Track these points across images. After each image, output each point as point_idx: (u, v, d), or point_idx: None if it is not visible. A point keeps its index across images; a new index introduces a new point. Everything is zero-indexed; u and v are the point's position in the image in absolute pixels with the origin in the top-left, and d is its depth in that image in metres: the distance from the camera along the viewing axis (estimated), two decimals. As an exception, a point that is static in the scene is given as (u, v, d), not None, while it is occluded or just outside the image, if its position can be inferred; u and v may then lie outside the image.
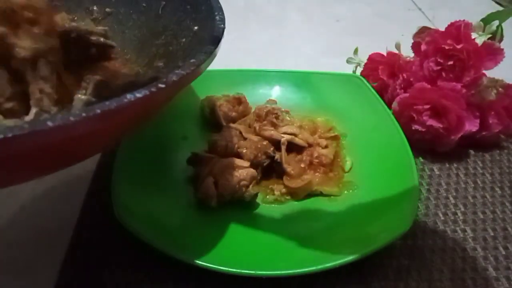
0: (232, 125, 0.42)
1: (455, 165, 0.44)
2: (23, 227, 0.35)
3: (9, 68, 0.26)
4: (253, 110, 0.45)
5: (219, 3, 0.32)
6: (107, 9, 0.40)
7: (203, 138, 0.42)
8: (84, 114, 0.19)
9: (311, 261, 0.31)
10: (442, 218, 0.38)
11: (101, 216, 0.35)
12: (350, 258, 0.31)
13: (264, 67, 0.50)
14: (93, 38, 0.35)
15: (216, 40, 0.28)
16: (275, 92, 0.48)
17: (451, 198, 0.40)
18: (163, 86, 0.22)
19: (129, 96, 0.20)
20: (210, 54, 0.26)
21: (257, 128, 0.41)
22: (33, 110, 0.25)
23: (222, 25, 0.29)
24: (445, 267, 0.34)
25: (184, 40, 0.33)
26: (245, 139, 0.40)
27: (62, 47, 0.32)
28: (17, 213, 0.36)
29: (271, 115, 0.42)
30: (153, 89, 0.21)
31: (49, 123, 0.18)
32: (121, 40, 0.38)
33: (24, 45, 0.26)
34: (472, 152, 0.45)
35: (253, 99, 0.46)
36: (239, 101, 0.45)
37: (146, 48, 0.36)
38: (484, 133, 0.44)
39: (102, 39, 0.36)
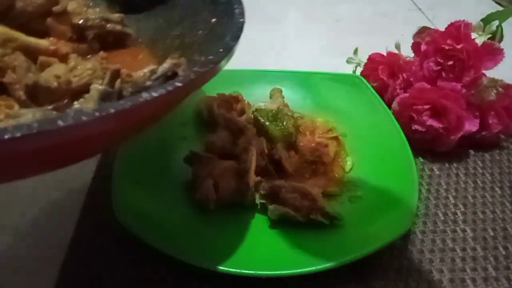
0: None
1: (455, 165, 0.44)
2: (23, 227, 0.35)
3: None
4: (252, 109, 0.45)
5: None
6: None
7: (202, 139, 0.42)
8: (97, 114, 0.18)
9: (311, 261, 0.31)
10: (442, 218, 0.38)
11: (101, 216, 0.35)
12: (350, 258, 0.31)
13: (264, 67, 0.50)
14: (109, 26, 0.34)
15: (235, 35, 0.26)
16: (275, 92, 0.48)
17: (451, 198, 0.40)
18: (180, 85, 0.20)
19: (144, 95, 0.19)
20: (229, 51, 0.24)
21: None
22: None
23: (242, 19, 0.27)
24: (445, 267, 0.34)
25: (200, 32, 0.31)
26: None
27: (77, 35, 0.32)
28: (18, 213, 0.36)
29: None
30: (170, 88, 0.20)
31: (60, 123, 0.17)
32: (135, 29, 0.36)
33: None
34: (472, 152, 0.45)
35: (253, 99, 0.46)
36: (236, 99, 0.45)
37: (161, 38, 0.34)
38: (484, 133, 0.44)
39: (119, 27, 0.34)
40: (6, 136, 0.16)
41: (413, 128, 0.43)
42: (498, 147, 0.46)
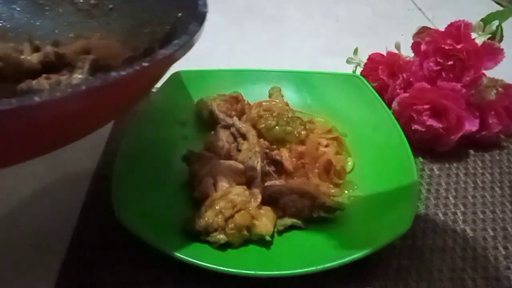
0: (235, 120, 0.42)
1: (455, 165, 0.44)
2: (23, 227, 0.35)
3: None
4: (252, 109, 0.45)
5: None
6: (92, 1, 0.40)
7: (202, 139, 0.42)
8: (70, 90, 0.19)
9: (311, 261, 0.31)
10: (442, 218, 0.38)
11: (101, 216, 0.35)
12: (350, 258, 0.31)
13: (264, 67, 0.50)
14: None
15: (199, 22, 0.28)
16: (275, 92, 0.48)
17: (451, 198, 0.40)
18: (147, 64, 0.22)
19: (114, 74, 0.21)
20: (193, 35, 0.27)
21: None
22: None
23: (205, 9, 0.30)
24: (445, 267, 0.34)
25: (169, 27, 0.34)
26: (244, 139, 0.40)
27: None
28: (17, 213, 0.36)
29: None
30: (138, 67, 0.22)
31: (36, 98, 0.18)
32: (106, 31, 0.38)
33: None
34: (472, 152, 0.45)
35: (253, 99, 0.46)
36: (237, 99, 0.45)
37: (132, 38, 0.37)
38: (484, 133, 0.44)
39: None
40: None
41: (413, 128, 0.43)
42: (498, 147, 0.46)
